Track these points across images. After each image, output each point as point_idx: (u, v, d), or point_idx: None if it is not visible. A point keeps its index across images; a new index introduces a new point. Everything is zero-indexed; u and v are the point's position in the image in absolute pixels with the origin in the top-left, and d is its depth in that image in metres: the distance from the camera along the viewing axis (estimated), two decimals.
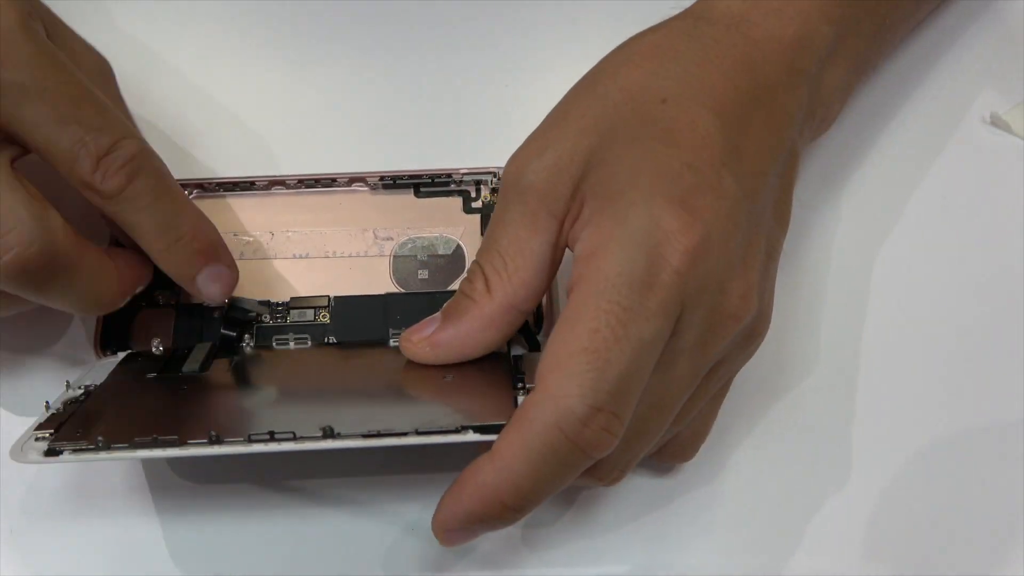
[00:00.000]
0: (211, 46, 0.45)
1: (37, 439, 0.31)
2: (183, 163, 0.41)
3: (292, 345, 0.37)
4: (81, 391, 0.34)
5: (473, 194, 0.39)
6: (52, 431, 0.31)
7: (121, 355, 0.36)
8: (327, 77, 0.44)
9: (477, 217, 0.39)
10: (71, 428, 0.31)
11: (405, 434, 0.30)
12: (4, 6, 0.30)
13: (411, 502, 0.36)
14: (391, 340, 0.36)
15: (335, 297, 0.37)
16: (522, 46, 0.45)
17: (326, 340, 0.37)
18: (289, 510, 0.36)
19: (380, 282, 0.38)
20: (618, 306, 0.28)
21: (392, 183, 0.39)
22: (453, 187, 0.39)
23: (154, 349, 0.36)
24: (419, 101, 0.43)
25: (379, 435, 0.30)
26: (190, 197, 0.39)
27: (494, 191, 0.39)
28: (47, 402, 0.33)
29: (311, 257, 0.38)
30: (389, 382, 0.34)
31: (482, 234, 0.39)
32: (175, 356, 0.36)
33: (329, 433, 0.30)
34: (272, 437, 0.30)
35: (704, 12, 0.34)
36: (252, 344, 0.37)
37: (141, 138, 0.32)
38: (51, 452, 0.30)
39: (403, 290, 0.38)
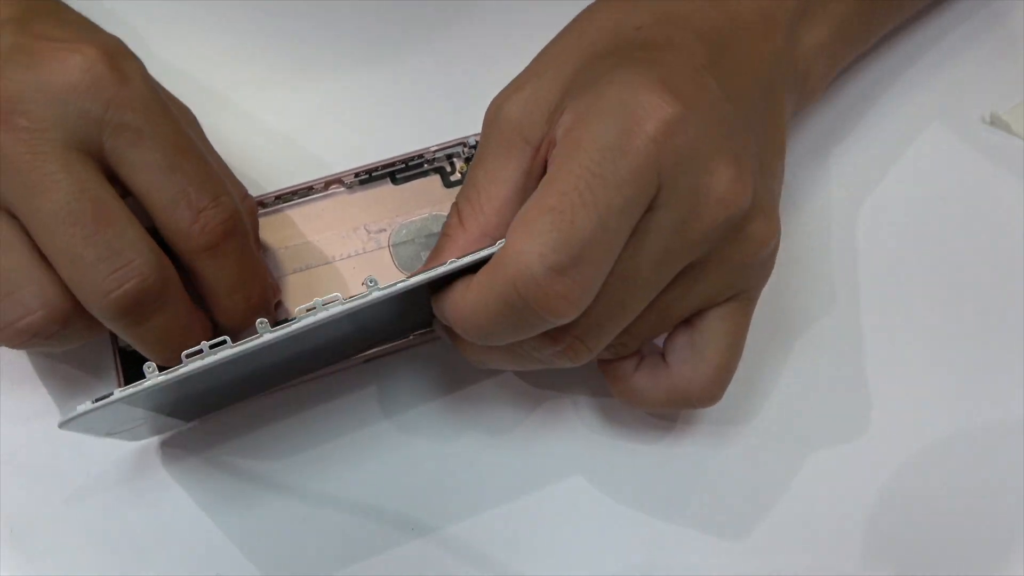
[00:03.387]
0: None
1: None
2: None
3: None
4: None
5: (448, 168, 0.40)
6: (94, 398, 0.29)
7: None
8: (272, 91, 0.43)
9: (459, 189, 0.39)
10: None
11: (443, 264, 0.30)
12: (131, 56, 0.32)
13: (411, 502, 0.36)
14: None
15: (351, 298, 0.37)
16: (475, 23, 0.45)
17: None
18: (289, 510, 0.36)
19: (387, 273, 0.38)
20: (588, 171, 0.28)
21: (368, 177, 0.39)
22: (427, 167, 0.40)
23: None
24: (367, 91, 0.43)
25: (423, 272, 0.30)
26: None
27: (468, 160, 0.40)
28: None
29: (312, 268, 0.38)
30: None
31: None
32: None
33: (374, 285, 0.30)
34: (320, 306, 0.29)
35: None
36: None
37: (234, 196, 0.32)
38: (100, 398, 0.28)
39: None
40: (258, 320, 0.29)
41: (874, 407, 0.38)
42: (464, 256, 0.30)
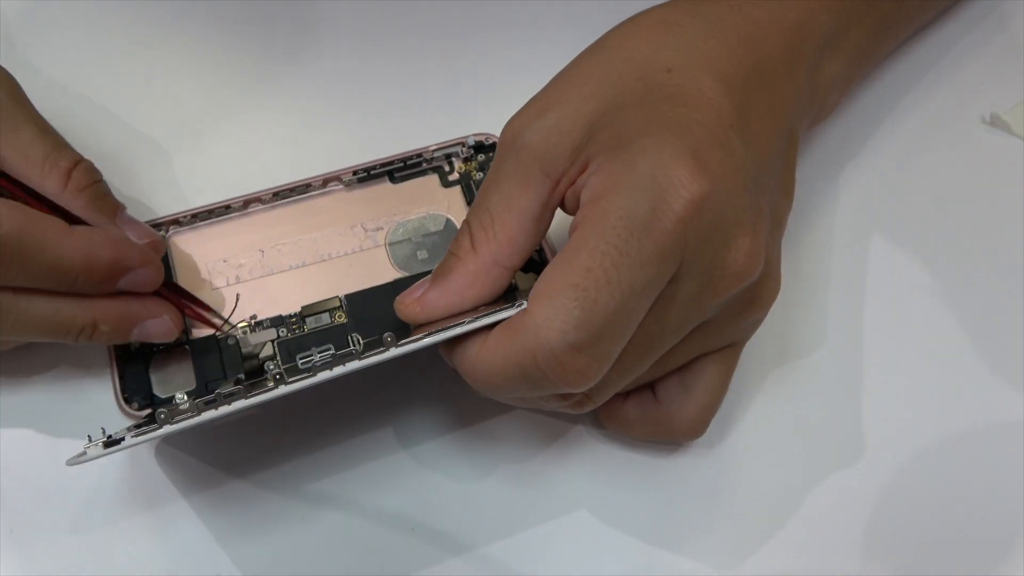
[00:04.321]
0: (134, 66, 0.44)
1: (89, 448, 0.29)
2: (150, 201, 0.39)
3: (317, 359, 0.36)
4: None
5: (447, 168, 0.40)
6: (103, 441, 0.29)
7: (147, 413, 0.35)
8: (274, 88, 0.43)
9: (457, 189, 0.40)
10: (122, 430, 0.30)
11: (461, 324, 0.30)
12: None
13: (411, 502, 0.36)
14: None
15: (346, 295, 0.37)
16: (476, 23, 0.45)
17: (350, 340, 0.36)
18: (289, 510, 0.36)
19: (383, 272, 0.38)
20: (615, 248, 0.29)
21: (366, 175, 0.39)
22: (425, 166, 0.40)
23: (178, 400, 0.35)
24: (367, 90, 0.43)
25: (439, 331, 0.30)
26: (166, 235, 0.38)
27: (466, 161, 0.40)
28: (89, 435, 0.31)
29: (308, 265, 0.38)
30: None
31: (466, 204, 0.39)
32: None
33: (393, 341, 0.29)
34: (336, 360, 0.29)
35: None
36: (279, 363, 0.36)
37: None
38: (111, 443, 0.28)
39: (408, 273, 0.38)
40: (273, 371, 0.29)
41: (874, 407, 0.38)
42: (485, 316, 0.30)
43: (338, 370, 0.29)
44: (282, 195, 0.39)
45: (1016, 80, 0.44)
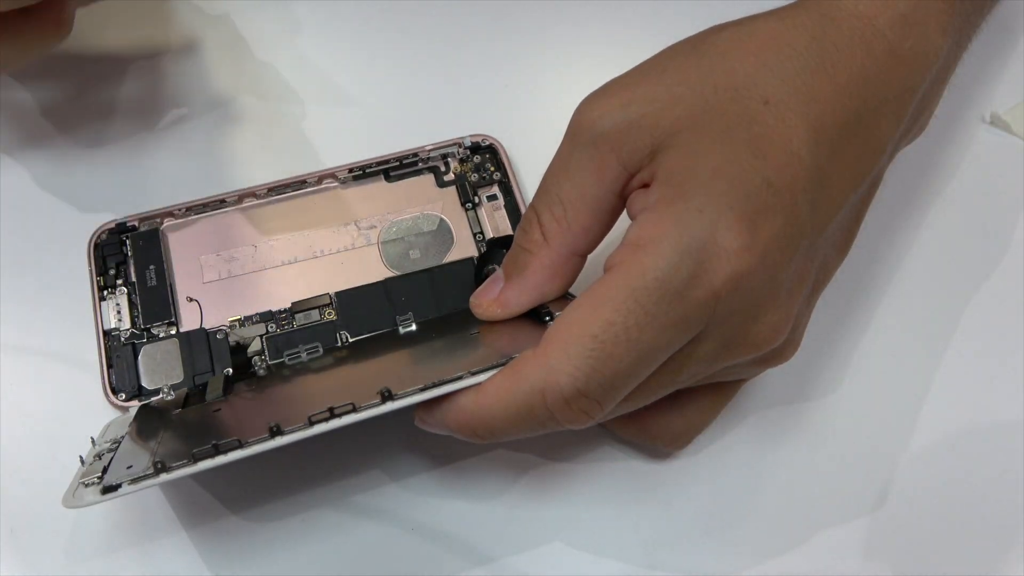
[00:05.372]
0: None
1: (87, 484, 0.29)
2: (141, 194, 0.40)
3: (304, 356, 0.36)
4: (109, 444, 0.32)
5: (443, 168, 0.40)
6: (98, 475, 0.29)
7: (134, 405, 0.35)
8: (275, 82, 0.44)
9: (452, 189, 0.39)
10: (118, 466, 0.30)
11: (460, 378, 0.29)
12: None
13: (411, 502, 0.36)
14: (400, 327, 0.37)
15: (336, 293, 0.37)
16: (477, 23, 0.45)
17: (338, 337, 0.36)
18: (289, 511, 0.35)
19: (375, 270, 0.38)
20: (642, 308, 0.28)
21: (361, 173, 0.39)
22: (421, 165, 0.40)
23: (164, 395, 0.35)
24: (365, 88, 0.43)
25: (437, 384, 0.29)
26: (161, 226, 0.38)
27: (462, 162, 0.40)
28: (80, 456, 0.32)
29: (300, 261, 0.38)
30: (412, 349, 0.35)
31: (462, 204, 0.39)
32: (190, 394, 0.35)
33: (388, 396, 0.29)
34: (333, 413, 0.29)
35: (831, 11, 0.32)
36: (266, 359, 0.36)
37: None
38: (109, 489, 0.28)
39: (399, 272, 0.38)
40: (270, 423, 0.29)
41: (873, 407, 0.38)
42: (480, 372, 0.30)
43: (335, 423, 0.29)
44: (277, 190, 0.39)
45: (1016, 80, 0.44)
